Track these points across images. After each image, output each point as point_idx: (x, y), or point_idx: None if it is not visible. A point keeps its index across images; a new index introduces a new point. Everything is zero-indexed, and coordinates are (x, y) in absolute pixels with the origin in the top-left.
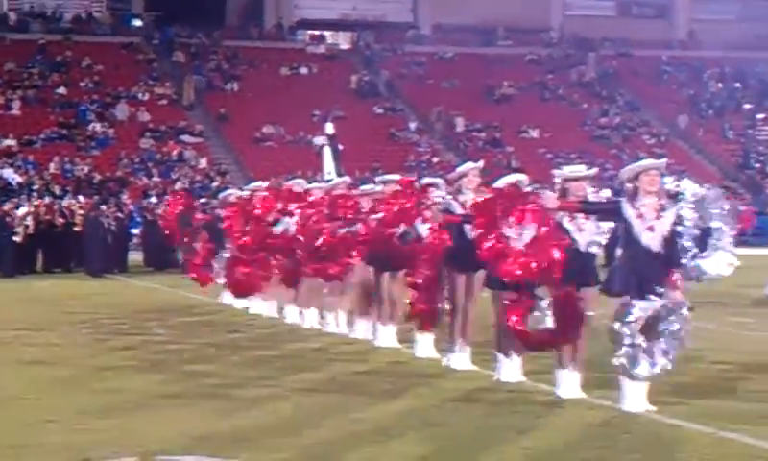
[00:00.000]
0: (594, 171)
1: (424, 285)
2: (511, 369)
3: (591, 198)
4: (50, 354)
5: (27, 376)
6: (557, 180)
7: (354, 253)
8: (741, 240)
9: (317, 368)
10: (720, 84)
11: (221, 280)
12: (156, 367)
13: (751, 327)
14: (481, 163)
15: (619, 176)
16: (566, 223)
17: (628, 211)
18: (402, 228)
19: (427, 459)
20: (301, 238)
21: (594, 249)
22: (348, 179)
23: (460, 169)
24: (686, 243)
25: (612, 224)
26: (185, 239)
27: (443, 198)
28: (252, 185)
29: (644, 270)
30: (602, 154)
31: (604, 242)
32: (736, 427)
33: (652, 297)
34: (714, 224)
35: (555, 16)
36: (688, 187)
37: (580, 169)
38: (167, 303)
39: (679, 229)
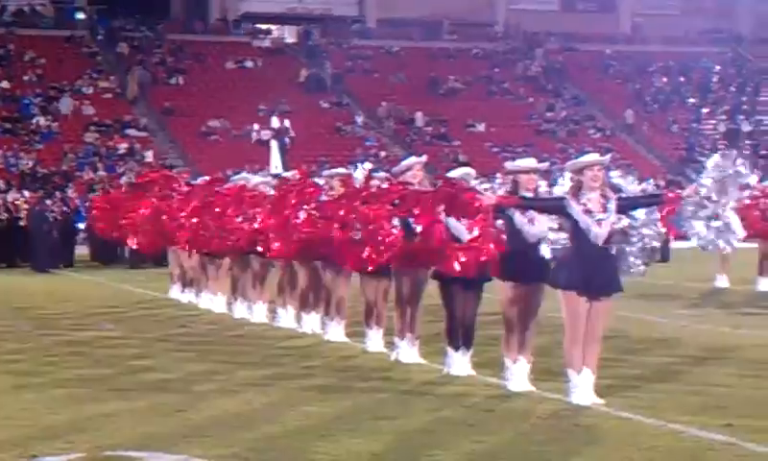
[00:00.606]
0: (546, 165)
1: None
2: (460, 362)
3: (542, 191)
4: None
5: None
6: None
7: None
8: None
9: (266, 363)
10: (664, 79)
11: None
12: (103, 362)
13: (698, 320)
14: (424, 158)
15: (566, 170)
16: (517, 216)
17: (573, 207)
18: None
19: (378, 454)
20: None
21: (545, 244)
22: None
23: (404, 163)
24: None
25: None
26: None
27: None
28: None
29: (591, 265)
30: (548, 148)
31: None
32: (685, 419)
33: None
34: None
35: (500, 11)
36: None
37: (530, 162)
38: (114, 298)
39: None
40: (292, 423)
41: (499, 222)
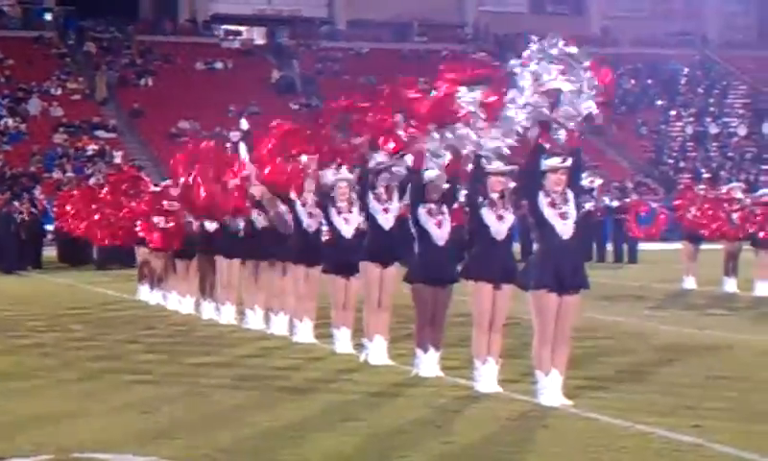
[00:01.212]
0: (515, 168)
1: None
2: (429, 363)
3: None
4: None
5: None
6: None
7: None
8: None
9: (234, 364)
10: (633, 81)
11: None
12: (72, 364)
13: (666, 320)
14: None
15: None
16: (485, 212)
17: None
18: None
19: (348, 455)
20: None
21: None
22: None
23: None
24: None
25: None
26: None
27: None
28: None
29: (560, 261)
30: (516, 150)
31: None
32: (652, 420)
33: None
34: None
35: (469, 12)
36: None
37: (498, 166)
38: (83, 299)
39: None
40: (261, 425)
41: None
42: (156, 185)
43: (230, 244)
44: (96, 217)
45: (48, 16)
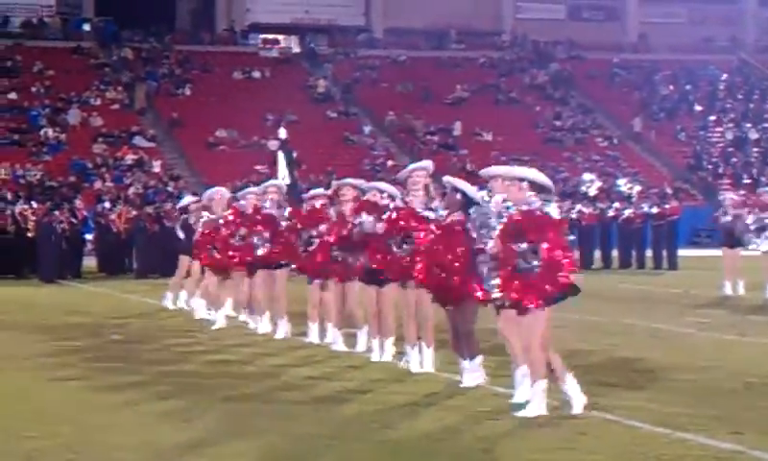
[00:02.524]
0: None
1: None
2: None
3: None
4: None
5: None
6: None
7: None
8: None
9: (271, 374)
10: (671, 87)
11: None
12: (112, 372)
13: (706, 327)
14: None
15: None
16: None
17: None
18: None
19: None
20: None
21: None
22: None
23: (407, 169)
24: None
25: None
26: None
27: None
28: (210, 192)
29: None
30: (555, 156)
31: None
32: (692, 427)
33: None
34: None
35: (507, 20)
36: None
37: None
38: (121, 308)
39: None
40: (299, 432)
41: None
42: (194, 194)
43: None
44: None
45: (87, 27)
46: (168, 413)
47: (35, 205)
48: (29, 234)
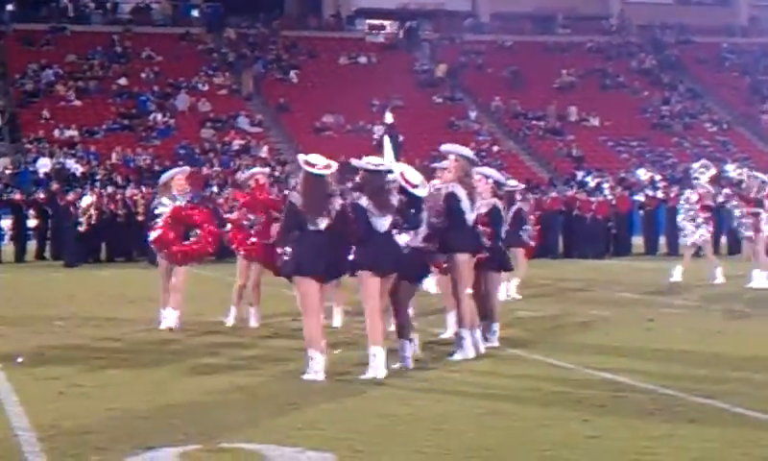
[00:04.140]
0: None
1: None
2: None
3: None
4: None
5: (109, 365)
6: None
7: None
8: None
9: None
10: None
11: None
12: (214, 354)
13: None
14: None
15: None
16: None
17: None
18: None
19: (490, 447)
20: None
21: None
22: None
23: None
24: None
25: None
26: None
27: None
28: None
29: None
30: (663, 142)
31: None
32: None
33: None
34: None
35: (614, 4)
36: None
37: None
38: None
39: None
40: (404, 416)
41: None
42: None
43: None
44: None
45: (195, 13)
46: (275, 395)
47: (144, 189)
48: (139, 218)
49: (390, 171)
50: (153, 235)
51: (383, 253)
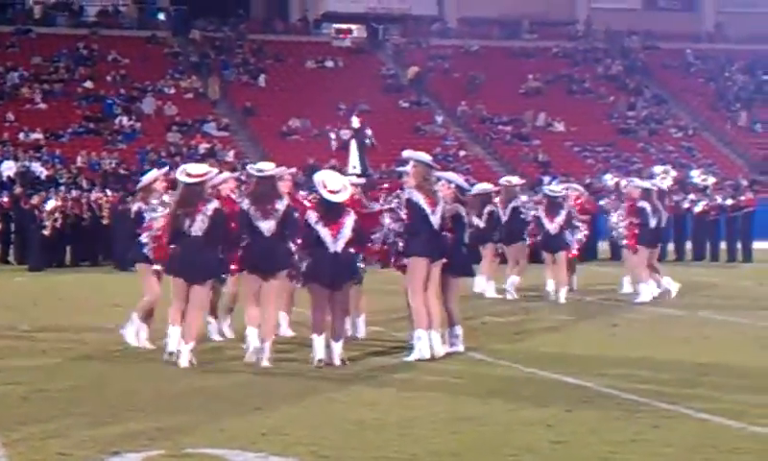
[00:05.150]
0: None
1: None
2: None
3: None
4: (90, 348)
5: (74, 370)
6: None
7: None
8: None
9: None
10: (748, 77)
11: None
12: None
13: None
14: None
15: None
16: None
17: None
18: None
19: (456, 452)
20: None
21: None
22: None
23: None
24: None
25: None
26: None
27: None
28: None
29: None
30: (629, 147)
31: None
32: (765, 421)
33: None
34: None
35: (581, 9)
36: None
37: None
38: None
39: None
40: (369, 421)
41: None
42: None
43: None
44: None
45: (162, 16)
46: (241, 400)
47: (109, 193)
48: (104, 222)
49: (365, 175)
50: (151, 247)
51: (264, 253)
